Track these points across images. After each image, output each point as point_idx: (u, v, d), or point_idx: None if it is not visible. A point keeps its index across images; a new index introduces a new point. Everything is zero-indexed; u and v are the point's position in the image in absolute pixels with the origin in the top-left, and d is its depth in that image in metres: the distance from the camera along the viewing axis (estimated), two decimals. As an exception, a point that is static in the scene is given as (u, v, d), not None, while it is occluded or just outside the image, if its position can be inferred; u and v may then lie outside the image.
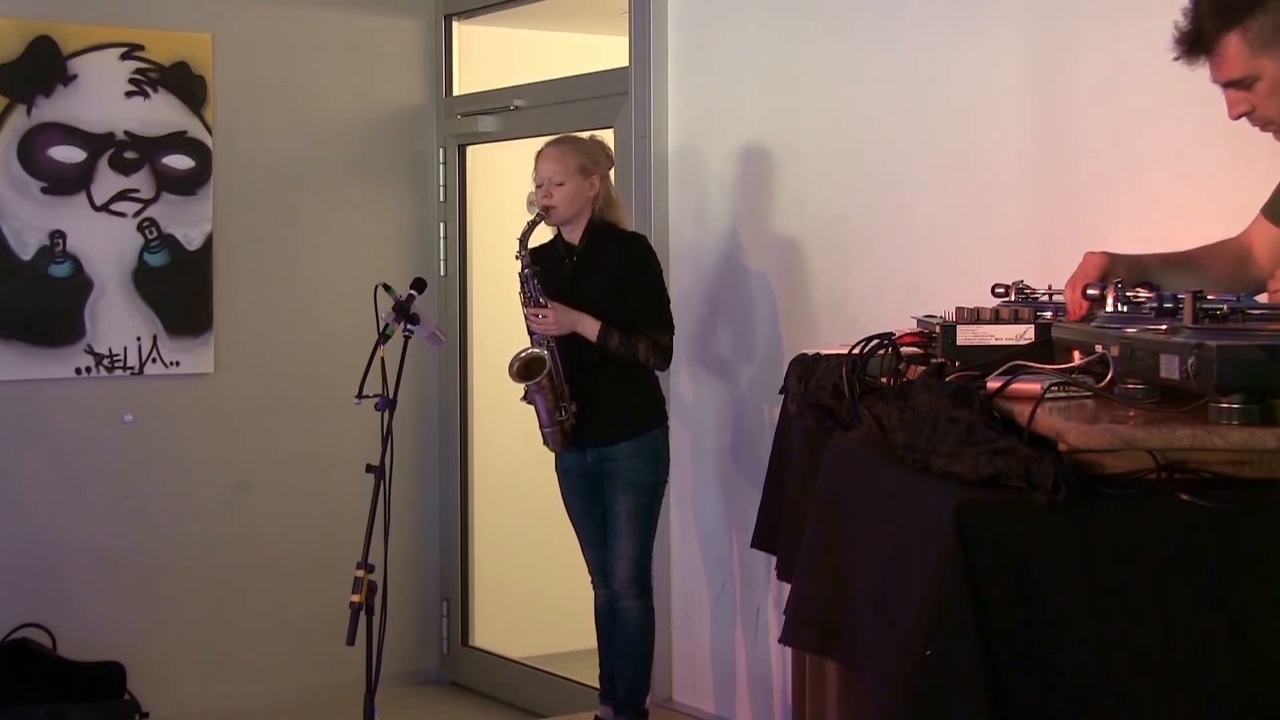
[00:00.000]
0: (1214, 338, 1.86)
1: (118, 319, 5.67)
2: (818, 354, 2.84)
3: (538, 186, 4.77)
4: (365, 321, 4.48)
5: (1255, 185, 2.79)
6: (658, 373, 4.84)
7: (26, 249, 5.53)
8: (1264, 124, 2.56)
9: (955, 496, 1.86)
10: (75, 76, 5.60)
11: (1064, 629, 1.82)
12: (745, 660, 5.17)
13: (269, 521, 5.97)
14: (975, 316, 2.45)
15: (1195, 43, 2.52)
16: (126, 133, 5.68)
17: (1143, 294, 2.18)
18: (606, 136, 5.13)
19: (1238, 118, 2.56)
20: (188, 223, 5.79)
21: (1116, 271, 2.47)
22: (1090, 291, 2.34)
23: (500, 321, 5.54)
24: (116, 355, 5.67)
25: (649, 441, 4.78)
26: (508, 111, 6.04)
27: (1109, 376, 2.07)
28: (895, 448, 2.10)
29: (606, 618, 4.89)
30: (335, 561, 5.24)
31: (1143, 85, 3.79)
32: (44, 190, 5.55)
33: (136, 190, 5.70)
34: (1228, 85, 2.53)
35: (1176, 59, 2.55)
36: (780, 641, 2.46)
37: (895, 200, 4.55)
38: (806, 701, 2.62)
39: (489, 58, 6.40)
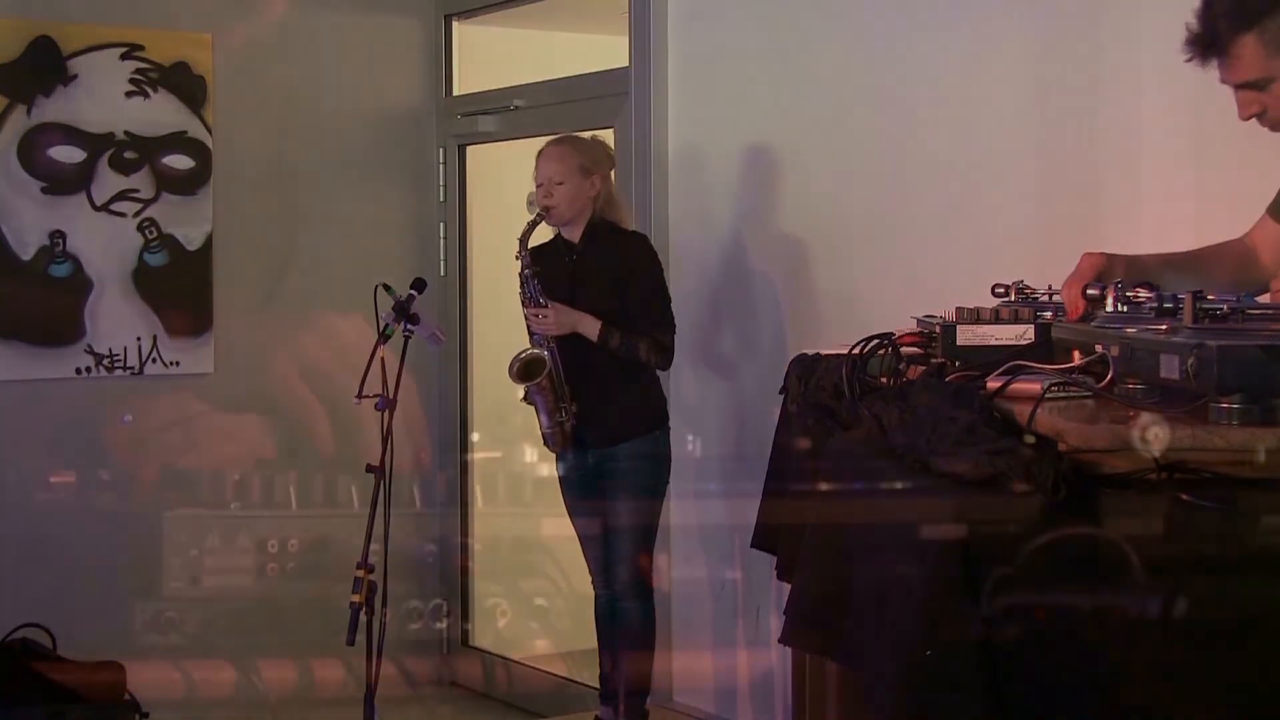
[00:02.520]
0: (1214, 338, 1.85)
1: (118, 319, 5.67)
2: (818, 354, 2.84)
3: (538, 186, 4.76)
4: (365, 321, 4.48)
5: (1257, 186, 2.78)
6: (659, 373, 4.83)
7: (26, 249, 5.53)
8: (1275, 125, 2.52)
9: (955, 496, 1.86)
10: (75, 76, 5.59)
11: (1064, 629, 1.82)
12: (745, 660, 5.17)
13: (269, 521, 5.96)
14: (975, 316, 2.44)
15: (1209, 44, 2.47)
16: (126, 133, 5.68)
17: (1142, 294, 2.18)
18: (606, 136, 5.12)
19: (1249, 119, 2.52)
20: (188, 223, 5.79)
21: (1114, 272, 2.46)
22: (1090, 292, 2.34)
23: (500, 321, 5.53)
24: (116, 355, 5.67)
25: (650, 442, 4.77)
26: (508, 111, 6.03)
27: (1109, 376, 2.07)
28: (895, 448, 2.10)
29: (607, 618, 4.89)
30: (335, 561, 5.24)
31: (1143, 85, 3.79)
32: (44, 190, 5.55)
33: (136, 190, 5.69)
34: (1240, 86, 2.49)
35: (1189, 60, 2.50)
36: (780, 641, 2.46)
37: (895, 200, 4.55)
38: (806, 701, 2.61)
39: (489, 58, 6.40)
